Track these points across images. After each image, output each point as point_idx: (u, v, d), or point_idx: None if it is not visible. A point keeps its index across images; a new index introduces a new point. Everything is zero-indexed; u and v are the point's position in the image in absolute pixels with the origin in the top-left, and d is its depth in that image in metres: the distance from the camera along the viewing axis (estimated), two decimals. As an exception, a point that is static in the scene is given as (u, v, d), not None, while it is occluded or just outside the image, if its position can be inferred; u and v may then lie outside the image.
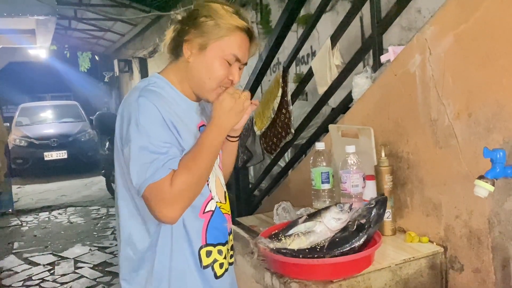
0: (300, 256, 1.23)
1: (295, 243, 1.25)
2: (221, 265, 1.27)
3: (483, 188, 1.11)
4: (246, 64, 1.25)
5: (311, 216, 1.33)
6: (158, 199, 1.08)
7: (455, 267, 1.39)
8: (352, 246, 1.23)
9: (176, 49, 1.23)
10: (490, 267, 1.28)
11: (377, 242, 1.29)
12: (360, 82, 1.80)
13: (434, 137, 1.42)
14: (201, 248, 1.22)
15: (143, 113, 1.11)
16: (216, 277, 1.25)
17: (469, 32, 1.28)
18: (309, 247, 1.25)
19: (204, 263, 1.23)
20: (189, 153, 1.15)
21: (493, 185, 1.11)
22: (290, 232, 1.31)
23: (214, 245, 1.25)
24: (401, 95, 1.53)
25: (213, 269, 1.24)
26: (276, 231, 1.35)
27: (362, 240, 1.24)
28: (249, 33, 1.21)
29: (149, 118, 1.11)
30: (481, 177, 1.12)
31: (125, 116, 1.14)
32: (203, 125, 1.27)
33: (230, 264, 1.33)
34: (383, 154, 1.53)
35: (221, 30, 1.17)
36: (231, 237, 1.34)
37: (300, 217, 1.35)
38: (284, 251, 1.25)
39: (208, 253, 1.24)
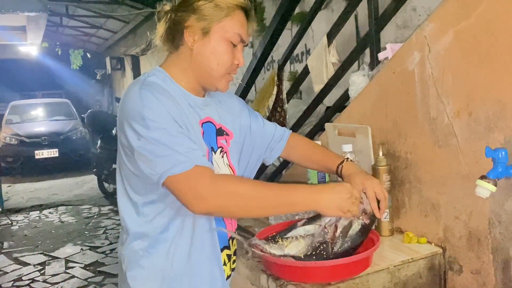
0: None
1: (292, 245, 1.22)
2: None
3: (485, 189, 1.09)
4: (247, 45, 1.19)
5: (311, 220, 1.29)
6: (187, 190, 1.03)
7: (454, 268, 1.37)
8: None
9: (175, 40, 1.15)
10: (490, 268, 1.26)
11: (375, 243, 1.26)
12: (357, 80, 1.78)
13: (433, 136, 1.39)
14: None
15: (147, 105, 1.04)
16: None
17: (470, 29, 1.25)
18: (305, 249, 1.21)
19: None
20: (270, 183, 1.12)
21: (495, 185, 1.09)
22: (289, 235, 1.27)
23: None
24: (400, 93, 1.51)
25: None
26: (274, 233, 1.31)
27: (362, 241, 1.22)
28: (247, 11, 1.16)
29: (154, 110, 1.04)
30: (483, 177, 1.10)
31: (129, 109, 1.06)
32: (208, 122, 1.21)
33: (232, 270, 1.28)
34: (380, 153, 1.50)
35: (222, 11, 1.11)
36: (234, 241, 1.29)
37: (299, 220, 1.32)
38: (280, 254, 1.22)
39: None
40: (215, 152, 1.21)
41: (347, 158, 1.35)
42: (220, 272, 1.20)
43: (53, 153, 9.03)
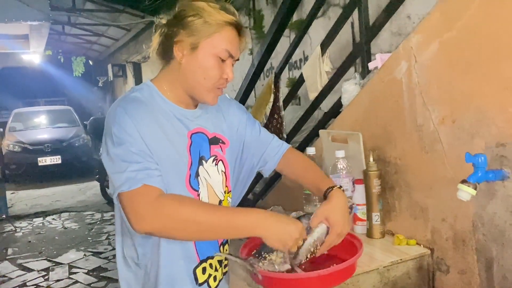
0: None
1: (279, 260, 1.18)
2: (214, 278, 1.26)
3: (466, 192, 1.15)
4: (238, 59, 1.22)
5: None
6: (129, 208, 1.06)
7: (441, 268, 1.43)
8: None
9: (166, 53, 1.19)
10: (475, 268, 1.32)
11: (358, 250, 1.22)
12: (349, 88, 1.84)
13: (420, 142, 1.45)
14: (196, 267, 1.21)
15: (117, 123, 1.10)
16: None
17: (453, 41, 1.32)
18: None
19: (200, 281, 1.22)
20: (219, 207, 1.12)
21: (475, 189, 1.15)
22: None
23: (206, 260, 1.23)
24: (389, 101, 1.57)
25: (208, 284, 1.24)
26: (258, 248, 1.23)
27: None
28: (238, 27, 1.19)
29: (123, 128, 1.09)
30: (463, 181, 1.16)
31: (106, 125, 1.14)
32: (199, 132, 1.24)
33: (224, 273, 1.31)
34: (371, 159, 1.56)
35: (211, 27, 1.14)
36: (226, 247, 1.31)
37: None
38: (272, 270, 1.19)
39: (204, 270, 1.22)
40: (206, 161, 1.24)
41: (340, 186, 1.28)
42: None
43: (56, 160, 9.10)
